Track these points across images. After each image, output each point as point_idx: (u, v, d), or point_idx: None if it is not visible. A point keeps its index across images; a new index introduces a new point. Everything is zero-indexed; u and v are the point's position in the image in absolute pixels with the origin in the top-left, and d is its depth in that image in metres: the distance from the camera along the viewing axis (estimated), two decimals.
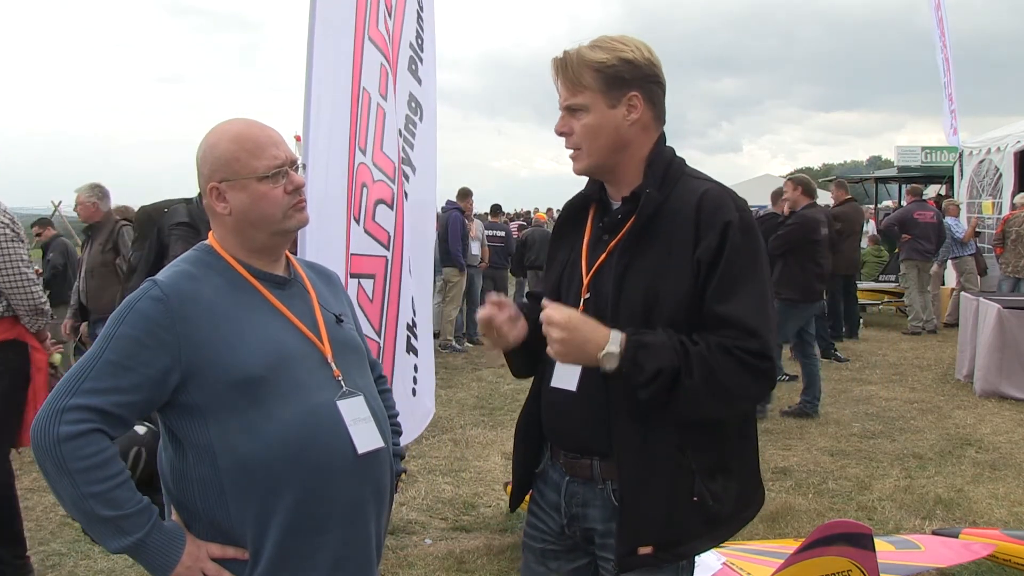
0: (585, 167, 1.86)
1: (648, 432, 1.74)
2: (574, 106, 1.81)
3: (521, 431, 2.02)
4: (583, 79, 1.78)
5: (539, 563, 1.98)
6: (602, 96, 1.79)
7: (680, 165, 1.87)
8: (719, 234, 1.71)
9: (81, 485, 1.55)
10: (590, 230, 1.93)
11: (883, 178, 23.61)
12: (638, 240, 1.79)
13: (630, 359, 1.65)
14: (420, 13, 4.25)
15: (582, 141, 1.82)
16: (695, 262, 1.72)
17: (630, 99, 1.79)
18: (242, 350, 1.67)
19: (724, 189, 1.82)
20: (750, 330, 1.68)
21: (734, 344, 1.67)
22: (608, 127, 1.80)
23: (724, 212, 1.74)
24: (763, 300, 1.74)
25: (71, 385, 1.59)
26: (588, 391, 1.79)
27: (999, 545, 3.50)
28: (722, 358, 1.66)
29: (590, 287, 1.84)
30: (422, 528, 4.50)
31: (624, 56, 1.78)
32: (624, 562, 1.77)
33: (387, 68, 3.71)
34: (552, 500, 1.94)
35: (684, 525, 1.77)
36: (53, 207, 24.30)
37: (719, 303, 1.70)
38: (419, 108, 4.23)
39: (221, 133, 1.78)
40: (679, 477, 1.75)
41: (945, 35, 13.82)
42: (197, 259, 1.78)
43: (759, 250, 1.78)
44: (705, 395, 1.67)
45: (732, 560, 3.25)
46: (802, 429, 6.42)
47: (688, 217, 1.75)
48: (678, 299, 1.72)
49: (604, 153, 1.82)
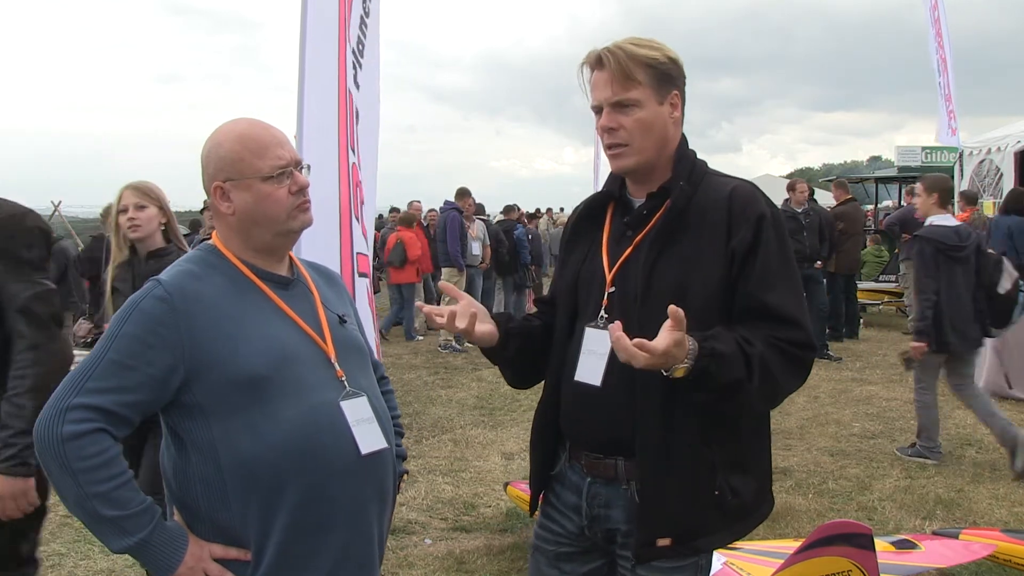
0: (633, 163, 1.85)
1: (671, 425, 1.75)
2: (626, 101, 1.80)
3: (537, 434, 2.01)
4: (636, 75, 1.79)
5: (552, 566, 1.97)
6: (653, 92, 1.81)
7: (704, 164, 1.91)
8: (754, 227, 1.75)
9: (84, 485, 1.55)
10: (610, 226, 1.93)
11: (883, 178, 23.62)
12: (668, 233, 1.80)
13: (701, 369, 1.62)
14: (364, 19, 4.30)
15: (633, 137, 1.82)
16: (729, 253, 1.75)
17: (673, 97, 1.84)
18: (245, 350, 1.67)
19: (753, 186, 1.85)
20: (795, 321, 1.73)
21: (783, 338, 1.70)
22: (659, 123, 1.82)
23: (757, 206, 1.78)
24: (800, 291, 1.81)
25: (75, 384, 1.60)
26: (612, 384, 1.80)
27: (999, 545, 3.51)
28: (775, 357, 1.69)
29: (615, 281, 1.85)
30: (422, 528, 4.50)
31: (670, 55, 1.83)
32: (642, 553, 1.77)
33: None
34: (570, 502, 1.93)
35: (703, 519, 1.78)
36: (53, 207, 24.27)
37: (762, 292, 1.73)
38: (358, 113, 4.30)
39: (226, 133, 1.78)
40: (701, 471, 1.76)
41: (943, 35, 13.80)
42: (200, 259, 1.78)
43: (789, 245, 1.83)
44: (759, 396, 1.70)
45: (732, 560, 3.26)
46: (802, 429, 6.42)
47: (720, 211, 1.78)
48: (710, 290, 1.74)
49: (652, 150, 1.84)
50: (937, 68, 13.93)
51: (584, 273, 1.92)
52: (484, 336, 1.89)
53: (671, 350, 1.57)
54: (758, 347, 1.67)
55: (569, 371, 1.88)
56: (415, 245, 10.87)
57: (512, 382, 2.09)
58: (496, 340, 1.91)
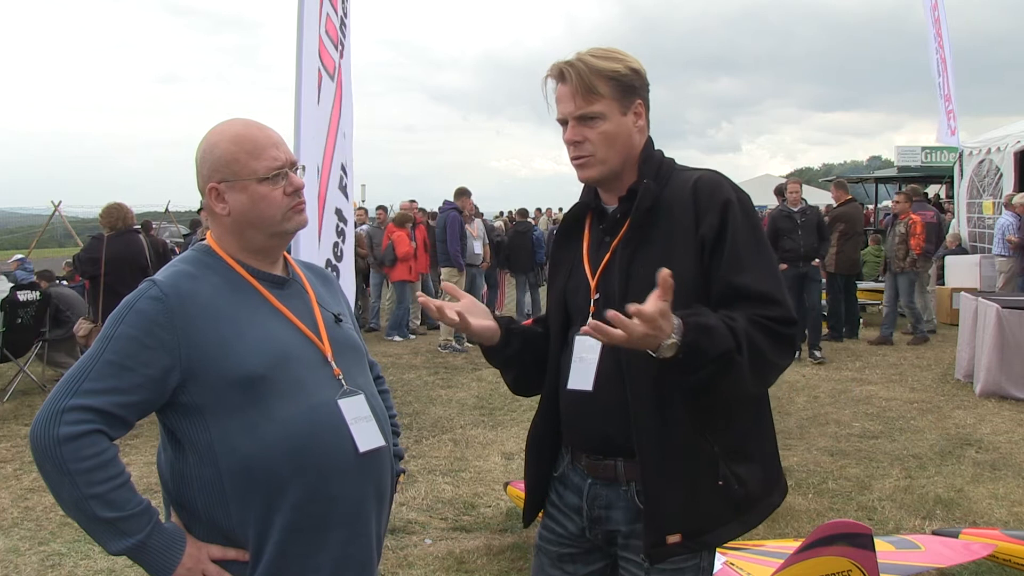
0: (599, 174, 1.87)
1: (665, 419, 1.74)
2: (590, 114, 1.82)
3: (534, 440, 2.01)
4: (598, 88, 1.80)
5: (555, 567, 1.98)
6: (617, 104, 1.82)
7: (671, 161, 1.92)
8: (719, 212, 1.75)
9: (81, 486, 1.55)
10: (589, 236, 1.95)
11: (883, 178, 23.64)
12: (639, 232, 1.82)
13: (690, 344, 1.59)
14: (344, 20, 4.37)
15: (598, 148, 1.84)
16: (699, 242, 1.75)
17: (636, 107, 1.85)
18: (242, 349, 1.67)
19: (717, 173, 1.86)
20: (771, 298, 1.72)
21: (763, 315, 1.69)
22: (623, 133, 1.84)
23: (722, 192, 1.78)
24: (774, 269, 1.80)
25: (71, 386, 1.59)
26: (604, 386, 1.81)
27: (999, 545, 3.50)
28: (759, 333, 1.68)
29: (598, 288, 1.86)
30: (422, 528, 4.50)
31: (632, 65, 1.84)
32: (653, 553, 1.77)
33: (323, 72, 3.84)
34: (572, 503, 1.93)
35: (711, 512, 1.77)
36: (53, 207, 24.28)
37: (735, 275, 1.72)
38: None
39: (220, 133, 1.77)
40: (702, 462, 1.76)
41: (942, 35, 13.80)
42: (196, 259, 1.78)
43: (760, 225, 1.83)
44: (751, 371, 1.66)
45: (732, 560, 3.26)
46: (802, 429, 6.42)
47: (686, 202, 1.79)
48: (685, 282, 1.73)
49: (616, 159, 1.86)
50: (937, 68, 13.94)
51: (571, 285, 1.95)
52: (483, 331, 1.89)
53: (658, 320, 1.53)
54: (741, 322, 1.66)
55: (565, 381, 1.89)
56: (403, 243, 10.96)
57: (513, 386, 2.08)
58: (497, 338, 1.92)
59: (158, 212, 27.86)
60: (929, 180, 20.04)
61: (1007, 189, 12.39)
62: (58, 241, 30.78)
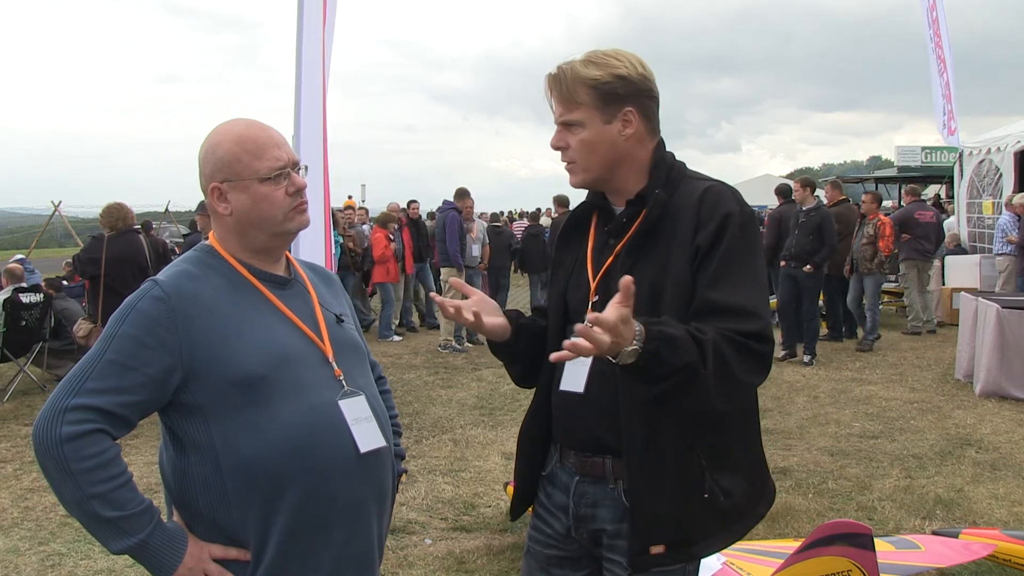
0: (581, 181, 1.88)
1: (656, 429, 1.73)
2: (569, 122, 1.82)
3: (526, 437, 2.01)
4: (578, 96, 1.80)
5: (542, 570, 1.97)
6: (597, 112, 1.80)
7: (682, 167, 1.90)
8: (718, 223, 1.73)
9: (83, 486, 1.55)
10: (594, 236, 1.94)
11: (883, 178, 23.66)
12: (644, 239, 1.81)
13: (651, 352, 1.55)
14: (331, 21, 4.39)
15: (578, 156, 1.84)
16: (694, 250, 1.74)
17: (625, 114, 1.81)
18: (243, 349, 1.67)
19: (726, 186, 1.83)
20: (748, 311, 1.68)
21: (735, 328, 1.65)
22: (604, 142, 1.82)
23: (725, 205, 1.76)
24: (759, 287, 1.76)
25: (73, 385, 1.59)
26: (596, 389, 1.81)
27: (999, 545, 3.51)
28: (727, 347, 1.64)
29: (598, 290, 1.85)
30: (422, 528, 4.50)
31: (618, 72, 1.80)
32: (637, 563, 1.76)
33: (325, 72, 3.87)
34: (560, 502, 1.93)
35: (696, 523, 1.77)
36: (53, 207, 24.26)
37: (715, 287, 1.70)
38: None
39: (223, 133, 1.78)
40: (689, 474, 1.75)
41: (942, 35, 13.79)
42: (198, 259, 1.78)
43: (756, 243, 1.80)
44: (716, 387, 1.62)
45: (732, 560, 3.26)
46: (802, 429, 6.42)
47: (691, 212, 1.77)
48: (682, 290, 1.73)
49: (599, 168, 1.85)
50: (936, 68, 13.93)
51: (572, 285, 1.94)
52: (495, 329, 1.89)
53: (619, 327, 1.49)
54: (709, 335, 1.62)
55: (558, 381, 1.89)
56: (380, 245, 11.05)
57: (519, 379, 2.08)
58: (508, 334, 1.92)
59: (158, 212, 27.90)
60: (929, 180, 20.05)
61: (1007, 189, 12.40)
62: (58, 241, 30.82)
